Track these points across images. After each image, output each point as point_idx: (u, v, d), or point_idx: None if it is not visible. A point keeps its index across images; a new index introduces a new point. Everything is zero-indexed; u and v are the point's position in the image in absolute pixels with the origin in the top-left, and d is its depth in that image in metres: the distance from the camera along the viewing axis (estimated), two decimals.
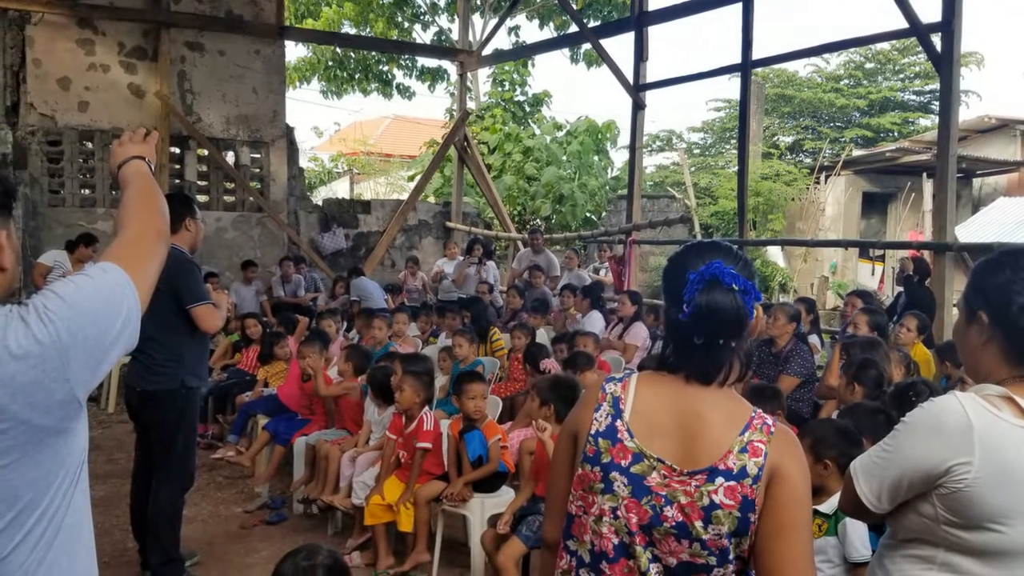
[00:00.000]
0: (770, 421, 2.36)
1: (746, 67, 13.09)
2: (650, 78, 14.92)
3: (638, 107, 14.84)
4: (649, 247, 20.76)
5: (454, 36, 24.39)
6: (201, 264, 7.38)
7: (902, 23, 10.62)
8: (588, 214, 24.12)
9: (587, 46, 23.26)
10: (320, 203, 19.18)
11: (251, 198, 16.49)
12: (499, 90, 27.36)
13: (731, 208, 23.71)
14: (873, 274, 24.52)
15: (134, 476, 6.41)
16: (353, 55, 26.70)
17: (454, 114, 22.71)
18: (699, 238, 18.09)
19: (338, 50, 26.27)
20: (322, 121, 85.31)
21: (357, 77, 27.00)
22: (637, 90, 14.73)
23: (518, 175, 23.59)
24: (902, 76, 31.91)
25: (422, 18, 27.60)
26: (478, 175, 19.17)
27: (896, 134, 29.56)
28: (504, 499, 6.22)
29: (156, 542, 6.05)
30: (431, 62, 26.39)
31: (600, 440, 2.40)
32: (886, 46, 30.67)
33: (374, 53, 26.33)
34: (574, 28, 18.73)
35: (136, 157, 2.66)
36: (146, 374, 5.92)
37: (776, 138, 32.33)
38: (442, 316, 11.24)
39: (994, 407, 2.39)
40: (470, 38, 21.37)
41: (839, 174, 25.32)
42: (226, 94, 16.24)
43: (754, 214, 24.02)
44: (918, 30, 10.47)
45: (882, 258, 24.13)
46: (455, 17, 23.85)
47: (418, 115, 37.41)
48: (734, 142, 30.61)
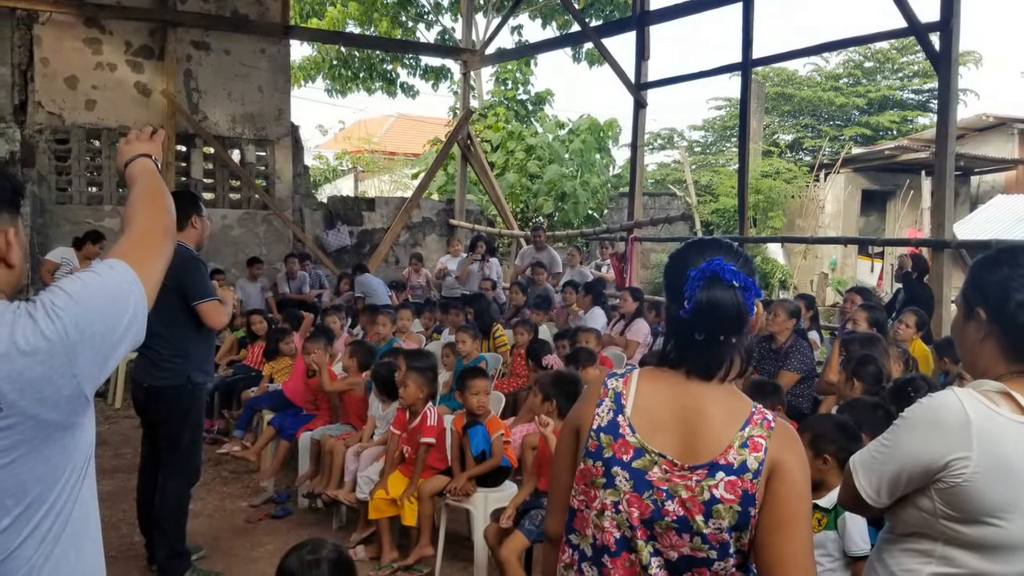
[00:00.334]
0: (770, 416, 2.35)
1: (746, 66, 13.07)
2: (651, 77, 14.91)
3: (639, 105, 14.82)
4: (650, 244, 20.74)
5: (457, 35, 24.40)
6: (207, 261, 7.38)
7: (901, 22, 10.60)
8: (590, 211, 24.11)
9: (589, 45, 23.23)
10: (325, 200, 19.19)
11: (257, 196, 16.50)
12: (502, 89, 27.36)
13: (732, 205, 23.67)
14: (872, 271, 24.46)
15: (141, 471, 6.41)
16: (357, 54, 26.69)
17: (457, 112, 22.72)
18: (700, 235, 18.11)
19: (343, 49, 26.26)
20: (327, 119, 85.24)
21: (361, 76, 27.00)
22: (639, 89, 14.71)
23: (521, 173, 23.59)
24: (901, 75, 31.89)
25: (426, 17, 27.59)
26: (481, 173, 19.17)
27: (895, 132, 29.54)
28: (507, 494, 6.22)
29: (162, 536, 6.05)
30: (435, 61, 26.41)
31: (602, 435, 2.40)
32: (885, 45, 30.64)
33: (378, 52, 26.31)
34: (576, 27, 18.71)
35: (143, 155, 2.66)
36: (153, 370, 5.92)
37: (776, 136, 32.32)
38: (445, 312, 11.23)
39: (992, 403, 2.39)
40: (473, 37, 21.37)
41: (838, 172, 25.28)
42: (232, 93, 16.24)
43: (754, 211, 23.99)
44: (917, 29, 10.46)
45: (881, 255, 24.06)
46: (458, 16, 23.86)
47: (422, 113, 37.41)
48: (734, 140, 30.59)
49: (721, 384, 2.39)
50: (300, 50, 27.51)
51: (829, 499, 4.00)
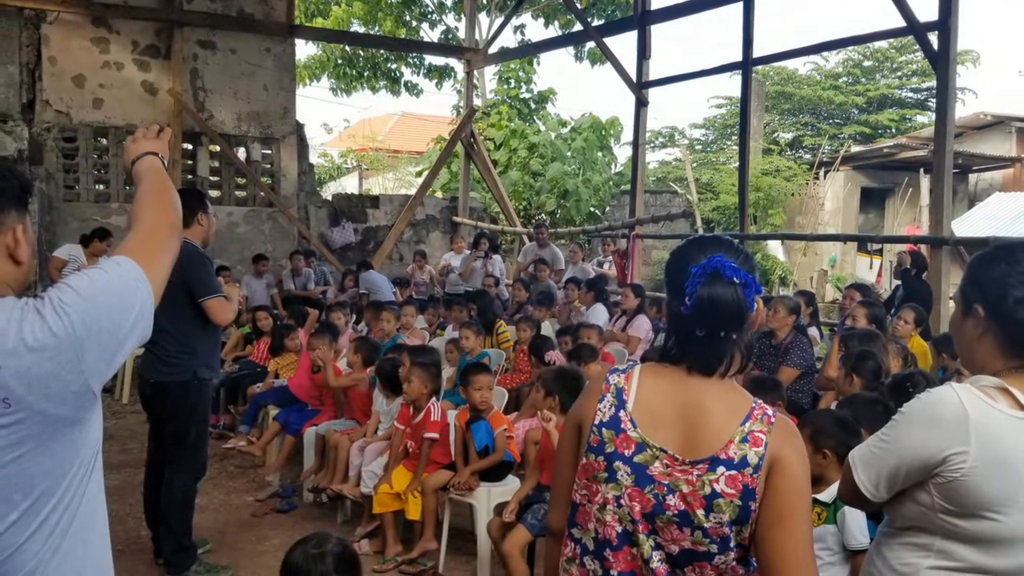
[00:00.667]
0: (770, 411, 2.36)
1: (747, 65, 13.07)
2: (653, 76, 14.91)
3: (641, 104, 14.81)
4: (652, 241, 20.73)
5: (461, 35, 24.39)
6: (213, 258, 7.38)
7: (900, 22, 10.59)
8: (592, 209, 24.09)
9: (591, 44, 23.24)
10: (330, 198, 19.21)
11: (262, 193, 16.52)
12: (505, 87, 27.36)
13: (732, 203, 23.63)
14: (871, 268, 24.45)
15: (147, 465, 6.42)
16: (362, 53, 26.69)
17: (461, 111, 22.69)
18: (701, 232, 18.09)
19: (347, 48, 26.26)
20: (332, 118, 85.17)
21: (366, 75, 27.00)
22: (640, 87, 14.71)
23: (523, 171, 23.58)
24: (900, 74, 31.84)
25: (429, 17, 27.59)
26: (484, 171, 19.16)
27: (894, 130, 29.50)
28: (510, 488, 6.22)
29: (169, 530, 6.06)
30: (438, 60, 26.40)
31: (604, 430, 2.40)
32: (884, 44, 30.60)
33: (383, 51, 26.32)
34: (578, 27, 18.71)
35: (149, 153, 2.66)
36: (159, 366, 5.92)
37: (776, 134, 32.28)
38: (449, 309, 11.23)
39: (990, 398, 2.39)
40: (476, 36, 21.38)
41: (838, 170, 25.25)
42: (238, 91, 16.26)
43: (755, 209, 23.97)
44: (915, 29, 10.45)
45: (880, 252, 24.04)
46: (462, 16, 23.87)
47: (425, 112, 37.43)
48: (735, 138, 30.56)
49: (722, 380, 2.39)
50: (305, 49, 27.50)
51: (828, 493, 4.00)
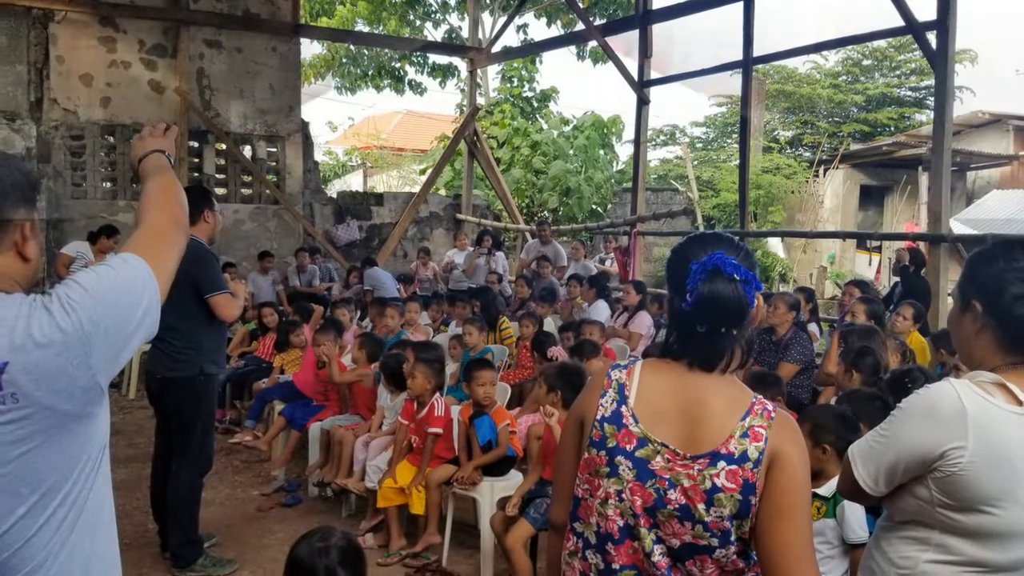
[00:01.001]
0: (770, 407, 2.36)
1: (747, 64, 13.06)
2: (654, 74, 14.90)
3: (642, 102, 14.81)
4: (653, 238, 20.74)
5: (464, 34, 24.38)
6: (219, 255, 7.38)
7: (898, 21, 10.59)
8: (594, 206, 24.10)
9: (593, 44, 23.23)
10: (334, 196, 19.20)
11: (267, 191, 16.51)
12: (508, 86, 27.36)
13: (732, 200, 23.59)
14: (870, 264, 24.42)
15: (154, 460, 6.42)
16: (366, 52, 26.70)
17: (464, 109, 22.68)
18: (702, 230, 18.07)
19: (352, 47, 26.26)
20: (336, 116, 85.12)
21: (370, 73, 27.01)
22: (641, 86, 14.71)
23: (526, 168, 23.60)
24: (898, 73, 31.76)
25: (433, 16, 27.59)
26: (487, 168, 19.16)
27: (892, 129, 29.44)
28: (512, 482, 6.22)
29: (176, 524, 6.07)
30: (442, 59, 26.39)
31: (606, 425, 2.40)
32: (883, 43, 30.51)
33: (387, 50, 26.31)
34: (581, 26, 18.70)
35: (156, 151, 2.66)
36: (166, 361, 5.93)
37: (776, 133, 32.23)
38: (453, 305, 11.23)
39: (987, 393, 2.39)
40: (480, 36, 21.35)
41: (837, 167, 25.24)
42: (243, 90, 16.25)
43: (755, 206, 23.94)
44: (914, 28, 10.44)
45: (879, 249, 24.02)
46: (465, 15, 23.86)
47: (429, 110, 37.40)
48: (735, 136, 30.53)
49: (722, 375, 2.39)
50: (310, 48, 27.50)
51: (828, 488, 4.00)
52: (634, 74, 14.75)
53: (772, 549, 2.26)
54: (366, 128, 36.61)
